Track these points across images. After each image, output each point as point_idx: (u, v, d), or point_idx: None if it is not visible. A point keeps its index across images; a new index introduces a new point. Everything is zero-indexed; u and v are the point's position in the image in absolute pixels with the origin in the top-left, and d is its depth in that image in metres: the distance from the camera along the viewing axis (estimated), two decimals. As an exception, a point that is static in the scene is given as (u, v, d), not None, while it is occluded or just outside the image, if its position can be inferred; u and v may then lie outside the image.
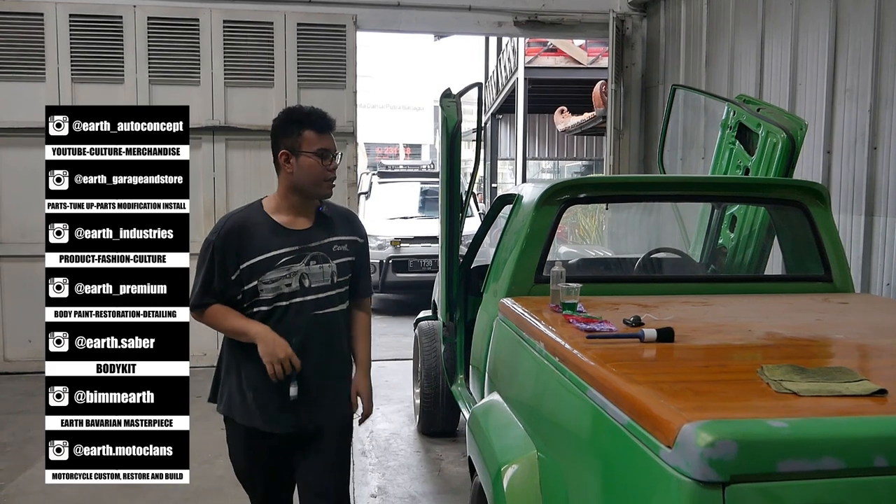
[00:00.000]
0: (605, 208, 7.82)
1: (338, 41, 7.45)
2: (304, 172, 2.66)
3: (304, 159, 2.65)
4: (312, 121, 2.70)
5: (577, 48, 16.01)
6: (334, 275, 2.72)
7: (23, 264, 7.06)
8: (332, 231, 2.76)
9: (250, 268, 2.63)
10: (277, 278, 2.63)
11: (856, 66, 4.87)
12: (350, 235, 2.80)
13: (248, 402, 2.71)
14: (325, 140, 2.69)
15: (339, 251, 2.75)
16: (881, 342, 2.55)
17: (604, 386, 1.96)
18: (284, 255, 2.64)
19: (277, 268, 2.63)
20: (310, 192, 2.69)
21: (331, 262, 2.71)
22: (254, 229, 2.67)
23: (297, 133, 2.67)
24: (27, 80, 6.98)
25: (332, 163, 2.70)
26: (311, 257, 2.68)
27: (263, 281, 2.62)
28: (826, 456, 1.53)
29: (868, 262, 4.73)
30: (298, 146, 2.66)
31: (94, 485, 4.46)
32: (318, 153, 2.66)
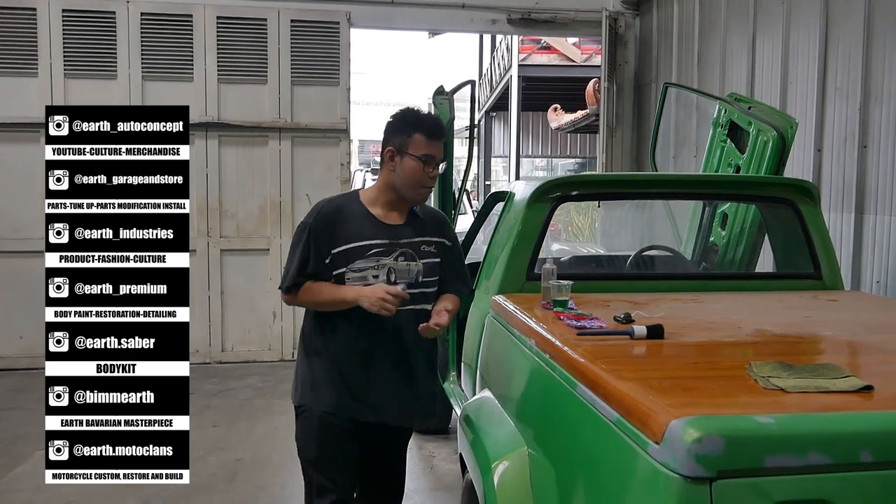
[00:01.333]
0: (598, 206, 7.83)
1: (331, 38, 7.45)
2: (405, 174, 2.69)
3: (408, 161, 2.69)
4: (424, 125, 2.72)
5: (570, 46, 16.04)
6: (420, 273, 2.74)
7: (14, 260, 7.04)
8: (421, 231, 2.79)
9: (341, 254, 2.67)
10: (365, 268, 2.67)
11: (846, 64, 4.89)
12: (438, 237, 2.83)
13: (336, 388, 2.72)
14: (432, 147, 2.71)
15: (427, 252, 2.78)
16: (869, 339, 2.57)
17: (593, 382, 1.97)
18: (375, 247, 2.68)
19: (367, 258, 2.67)
20: (405, 194, 2.73)
21: (418, 262, 2.74)
22: (349, 217, 2.71)
23: (408, 134, 2.69)
24: (19, 75, 6.96)
25: (434, 170, 2.73)
26: (400, 253, 2.72)
27: (352, 269, 2.67)
28: (812, 451, 1.55)
29: (858, 260, 4.75)
30: (406, 147, 2.69)
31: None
32: (423, 158, 2.69)
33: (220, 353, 7.38)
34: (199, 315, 7.32)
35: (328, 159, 7.46)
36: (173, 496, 4.29)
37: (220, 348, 7.38)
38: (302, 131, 7.40)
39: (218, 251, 7.32)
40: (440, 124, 2.78)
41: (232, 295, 7.32)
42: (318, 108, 7.43)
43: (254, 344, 7.41)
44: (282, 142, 7.37)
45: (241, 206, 7.37)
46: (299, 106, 7.40)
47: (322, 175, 7.42)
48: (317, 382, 2.75)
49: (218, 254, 7.32)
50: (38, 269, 7.16)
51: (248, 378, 6.80)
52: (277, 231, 7.38)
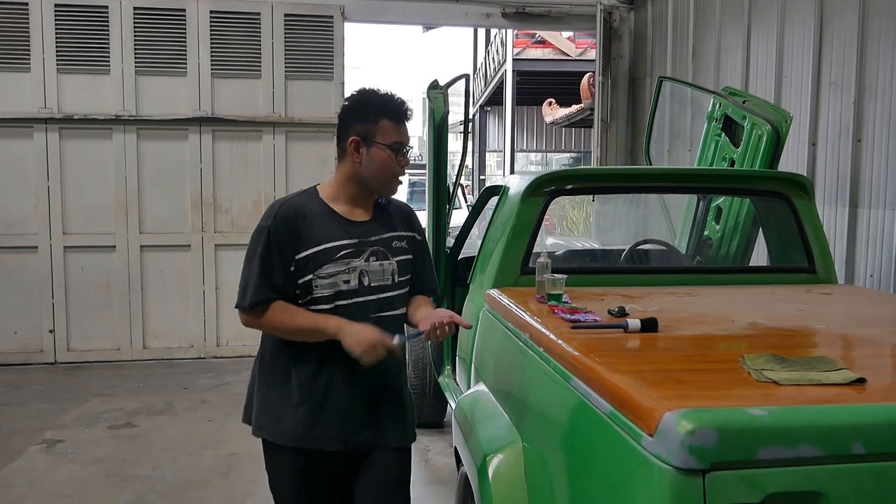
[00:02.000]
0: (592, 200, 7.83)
1: (325, 32, 7.43)
2: (375, 165, 2.39)
3: (377, 151, 2.38)
4: (391, 109, 2.41)
5: (565, 40, 16.01)
6: (395, 273, 2.47)
7: (7, 255, 7.03)
8: (390, 225, 2.50)
9: (307, 259, 2.35)
10: (335, 273, 2.36)
11: (840, 59, 4.90)
12: (408, 231, 2.55)
13: (299, 417, 2.39)
14: (401, 132, 2.42)
15: (399, 248, 2.50)
16: (862, 332, 2.58)
17: (587, 375, 1.97)
18: (343, 248, 2.37)
19: (335, 261, 2.35)
20: (374, 187, 2.44)
21: (391, 260, 2.46)
22: (311, 216, 2.38)
23: (374, 120, 2.38)
24: (12, 70, 6.93)
25: (405, 158, 2.45)
26: (371, 253, 2.42)
27: (319, 275, 2.35)
28: (805, 443, 1.55)
29: (852, 254, 4.76)
30: (372, 135, 2.38)
31: (81, 476, 4.48)
32: (393, 146, 2.39)
33: (215, 347, 7.37)
34: (194, 310, 7.31)
35: (322, 154, 7.45)
36: (168, 490, 4.29)
37: (215, 343, 7.37)
38: (296, 126, 7.39)
39: (212, 246, 7.31)
40: (405, 104, 2.45)
41: (226, 290, 7.31)
42: (312, 102, 7.42)
43: (248, 339, 7.38)
44: (276, 136, 7.35)
45: (235, 200, 7.35)
46: (293, 100, 7.38)
47: (316, 169, 7.41)
48: (284, 414, 2.41)
49: (212, 249, 7.31)
50: (31, 265, 7.23)
51: (243, 372, 6.76)
52: (272, 226, 7.35)
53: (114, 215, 7.15)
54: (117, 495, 4.23)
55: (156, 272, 7.27)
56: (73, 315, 7.15)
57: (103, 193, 7.13)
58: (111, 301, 7.20)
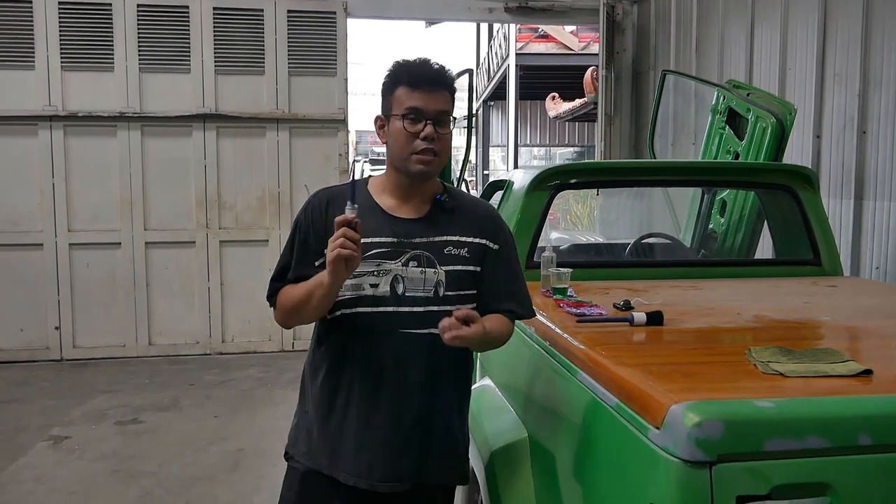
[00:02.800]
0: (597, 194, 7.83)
1: (328, 28, 7.42)
2: (393, 141, 2.06)
3: (393, 123, 2.05)
4: (407, 73, 2.05)
5: (568, 34, 16.01)
6: (440, 285, 2.05)
7: (13, 253, 7.05)
8: (449, 228, 2.11)
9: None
10: (361, 273, 2.00)
11: (845, 50, 4.88)
12: (476, 237, 2.12)
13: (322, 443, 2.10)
14: (417, 97, 2.01)
15: (455, 256, 2.08)
16: (868, 324, 2.58)
17: (593, 369, 1.97)
18: (377, 246, 2.03)
19: (364, 260, 1.98)
20: (399, 167, 2.07)
21: (438, 268, 2.06)
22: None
23: (391, 91, 2.07)
24: (16, 68, 6.94)
25: (426, 128, 2.01)
26: (412, 256, 2.04)
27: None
28: (812, 435, 1.55)
29: (857, 246, 4.75)
30: (390, 108, 2.07)
31: (87, 472, 4.50)
32: (406, 114, 2.02)
33: (221, 343, 7.38)
34: (199, 306, 7.33)
35: (326, 150, 7.45)
36: (175, 486, 4.30)
37: (221, 339, 7.38)
38: (300, 122, 7.39)
39: (217, 243, 7.32)
40: (430, 68, 2.06)
41: (231, 286, 7.33)
42: (316, 98, 7.42)
43: (254, 335, 7.42)
44: (279, 133, 7.35)
45: (240, 197, 7.36)
46: (297, 97, 7.38)
47: (320, 165, 7.42)
48: (309, 431, 2.14)
49: (217, 245, 7.32)
50: (37, 262, 7.24)
51: (249, 368, 6.81)
52: (276, 222, 7.38)
53: (119, 212, 7.16)
54: (124, 491, 4.24)
55: (161, 269, 7.28)
56: (78, 312, 7.17)
57: (108, 190, 7.14)
58: (116, 298, 7.21)
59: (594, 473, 1.94)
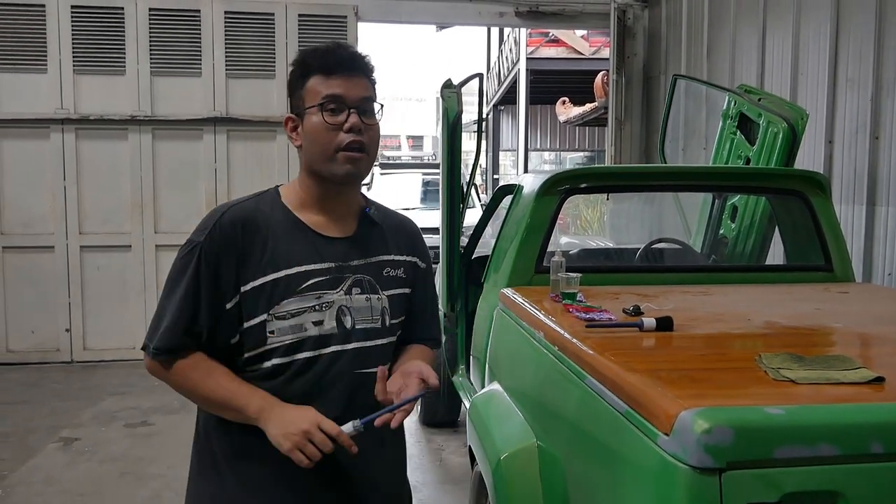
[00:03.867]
0: (607, 199, 7.80)
1: (339, 32, 7.44)
2: (309, 140, 1.74)
3: (308, 119, 1.73)
4: (319, 60, 1.74)
5: (578, 39, 15.99)
6: (386, 313, 1.80)
7: (25, 255, 7.09)
8: (382, 246, 1.84)
9: (258, 292, 1.68)
10: (301, 311, 1.69)
11: (857, 55, 4.85)
12: (408, 255, 1.89)
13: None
14: (336, 84, 1.71)
15: (393, 278, 1.83)
16: (881, 331, 2.55)
17: (602, 374, 1.96)
18: (314, 275, 1.71)
19: (301, 294, 1.69)
20: (321, 171, 1.74)
21: (381, 294, 1.79)
22: (267, 229, 1.72)
23: (302, 84, 1.76)
24: (28, 71, 6.98)
25: (349, 119, 1.70)
26: (354, 283, 1.75)
27: (277, 314, 1.68)
28: (823, 443, 1.54)
29: (869, 252, 4.72)
30: (302, 102, 1.75)
31: (97, 474, 4.51)
32: (323, 105, 1.71)
33: (230, 347, 7.39)
34: (209, 309, 7.33)
35: (336, 153, 7.46)
36: (183, 488, 4.29)
37: (230, 342, 7.39)
38: (310, 125, 7.39)
39: (227, 246, 7.32)
40: (345, 50, 1.77)
41: (241, 289, 7.33)
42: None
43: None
44: (290, 136, 7.37)
45: (250, 200, 7.36)
46: (308, 100, 7.39)
47: (330, 169, 7.43)
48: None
49: (227, 248, 7.33)
50: (48, 264, 7.26)
51: (258, 372, 6.82)
52: (286, 225, 7.38)
53: (129, 215, 7.19)
54: (133, 493, 4.25)
55: (171, 272, 7.28)
56: (89, 314, 7.20)
57: (119, 193, 7.18)
58: (127, 300, 7.23)
59: (603, 479, 1.93)
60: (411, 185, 12.38)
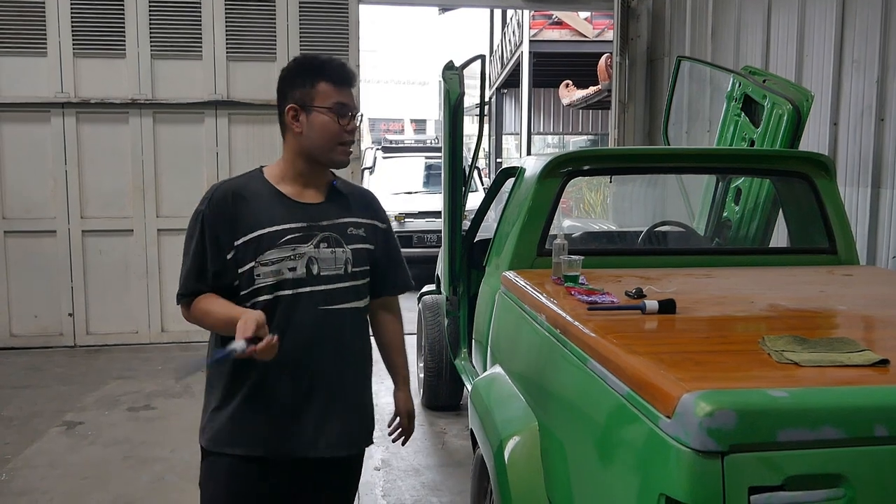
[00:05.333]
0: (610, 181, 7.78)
1: (340, 14, 7.39)
2: (316, 132, 2.20)
3: (317, 116, 2.19)
4: (329, 71, 2.21)
5: (582, 21, 15.88)
6: (349, 263, 2.25)
7: (27, 240, 7.08)
8: (347, 210, 2.30)
9: (248, 244, 2.15)
10: (279, 259, 2.16)
11: (863, 36, 4.81)
12: (368, 218, 2.34)
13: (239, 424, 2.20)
14: (343, 94, 2.21)
15: (355, 235, 2.29)
16: (885, 313, 2.54)
17: (604, 357, 1.95)
18: (289, 232, 2.18)
19: (280, 246, 2.16)
20: (321, 157, 2.23)
21: (345, 247, 2.25)
22: (252, 198, 2.21)
23: (311, 85, 2.20)
24: (28, 54, 6.94)
25: (351, 123, 2.23)
26: (322, 238, 2.21)
27: (261, 262, 2.15)
28: (826, 425, 1.53)
29: (874, 235, 4.70)
30: (311, 100, 2.19)
31: (100, 457, 4.52)
32: (335, 109, 2.19)
33: (233, 331, 7.39)
34: (211, 293, 7.33)
35: (338, 136, 7.42)
36: (186, 472, 4.31)
37: (233, 326, 7.39)
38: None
39: (229, 229, 7.31)
40: (346, 66, 2.27)
41: (243, 273, 7.33)
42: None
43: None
44: (292, 119, 7.33)
45: (252, 184, 7.35)
46: (309, 83, 7.35)
47: (332, 152, 7.40)
48: (234, 420, 2.21)
49: (229, 232, 7.32)
50: (49, 249, 7.25)
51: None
52: (288, 209, 7.36)
53: (131, 199, 7.17)
54: (136, 476, 4.26)
55: (173, 256, 7.24)
56: (91, 299, 7.20)
57: (120, 177, 7.15)
58: (129, 285, 7.23)
59: (604, 462, 1.92)
60: (414, 169, 12.33)
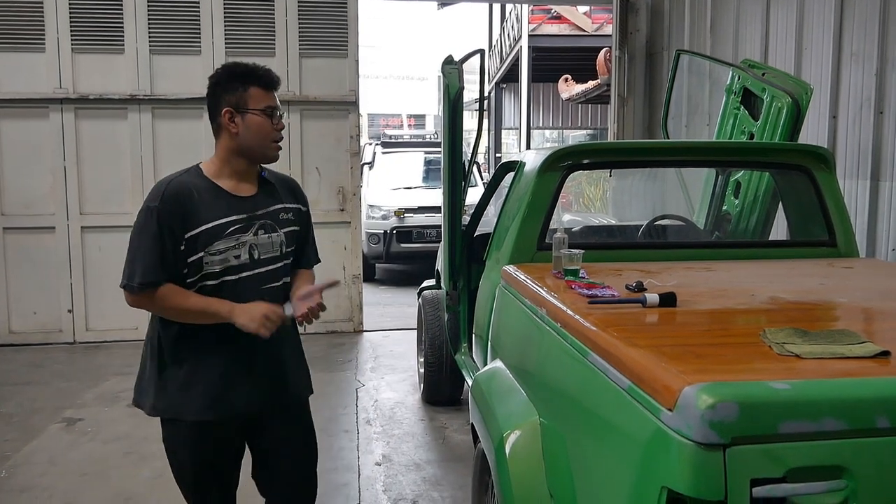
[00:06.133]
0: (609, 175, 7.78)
1: (340, 9, 7.37)
2: (252, 132, 2.45)
3: (252, 118, 2.44)
4: (258, 76, 2.48)
5: (581, 15, 15.86)
6: (283, 245, 2.55)
7: (26, 236, 7.07)
8: (277, 198, 2.57)
9: (196, 238, 2.39)
10: (226, 249, 2.41)
11: (862, 29, 4.80)
12: (294, 203, 2.62)
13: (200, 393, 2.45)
14: (271, 97, 2.48)
15: (286, 220, 2.57)
16: (885, 305, 2.54)
17: (605, 350, 1.95)
18: (232, 224, 2.42)
19: (226, 237, 2.41)
20: (257, 153, 2.49)
21: (279, 231, 2.53)
22: (198, 194, 2.42)
23: (243, 89, 2.45)
24: (26, 50, 6.93)
25: (280, 122, 2.51)
26: (260, 226, 2.48)
27: (210, 252, 2.39)
28: (828, 417, 1.53)
29: (873, 227, 4.70)
30: (244, 103, 2.44)
31: (100, 453, 4.52)
32: (266, 111, 2.45)
33: (233, 326, 7.39)
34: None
35: (338, 132, 7.42)
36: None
37: (233, 322, 7.39)
38: (311, 104, 7.35)
39: (228, 225, 7.31)
40: (271, 72, 2.53)
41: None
42: (327, 80, 7.37)
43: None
44: (291, 115, 7.32)
45: (251, 179, 7.33)
46: (308, 78, 7.34)
47: (331, 148, 7.38)
48: (181, 390, 2.46)
49: (228, 228, 7.31)
50: (49, 245, 7.23)
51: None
52: (287, 205, 7.35)
53: (130, 195, 7.16)
54: (136, 473, 4.26)
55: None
56: (91, 295, 7.19)
57: (119, 173, 7.15)
58: (129, 281, 7.21)
59: (606, 456, 1.92)
60: (413, 164, 12.32)
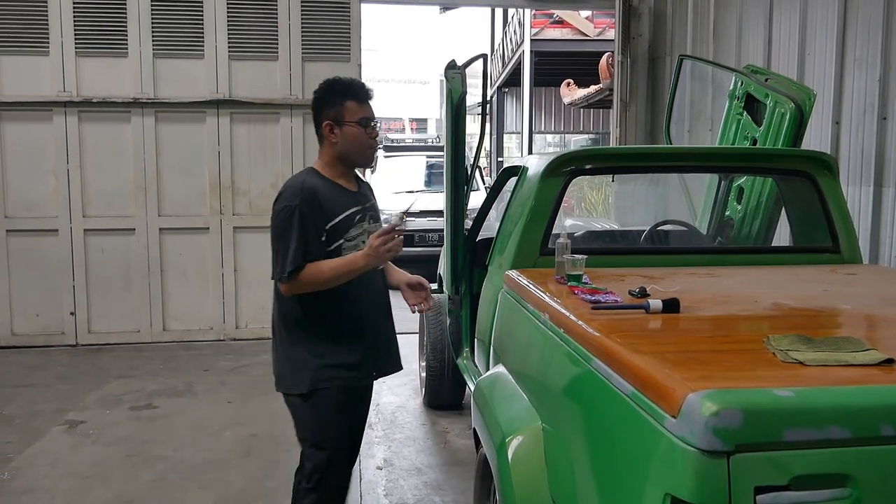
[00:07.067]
0: (612, 180, 7.78)
1: (342, 13, 7.38)
2: (349, 141, 2.82)
3: (348, 129, 2.81)
4: (354, 91, 2.84)
5: (583, 20, 15.88)
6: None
7: (29, 238, 7.08)
8: (370, 194, 3.02)
9: (335, 227, 2.77)
10: (357, 235, 2.81)
11: (865, 35, 4.80)
12: (374, 199, 3.04)
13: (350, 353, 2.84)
14: (366, 109, 2.84)
15: (377, 209, 3.02)
16: (889, 312, 2.54)
17: (608, 356, 1.95)
18: (357, 213, 2.83)
19: (356, 225, 2.82)
20: (354, 160, 2.89)
21: (379, 221, 2.96)
22: (325, 191, 2.80)
23: (340, 104, 2.80)
24: (30, 53, 6.94)
25: (374, 131, 2.86)
26: (370, 216, 2.90)
27: (348, 238, 2.79)
28: (832, 425, 1.52)
29: (877, 234, 4.69)
30: (342, 116, 2.80)
31: (102, 456, 4.52)
32: (361, 122, 2.81)
33: (234, 329, 7.39)
34: (213, 292, 7.33)
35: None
36: (188, 471, 4.31)
37: (234, 325, 7.39)
38: (314, 108, 7.34)
39: (231, 229, 7.32)
40: (366, 86, 2.89)
41: (245, 272, 7.33)
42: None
43: (268, 321, 7.32)
44: (293, 118, 7.33)
45: (254, 183, 7.35)
46: (311, 82, 7.32)
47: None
48: (330, 359, 2.82)
49: (231, 231, 7.32)
50: (52, 248, 7.26)
51: (262, 355, 6.80)
52: (290, 208, 7.34)
53: (133, 198, 7.17)
54: (138, 476, 4.26)
55: (175, 255, 7.29)
56: (93, 297, 7.19)
57: (122, 176, 7.15)
58: (131, 284, 7.23)
59: (609, 462, 1.92)
60: (415, 168, 12.34)
